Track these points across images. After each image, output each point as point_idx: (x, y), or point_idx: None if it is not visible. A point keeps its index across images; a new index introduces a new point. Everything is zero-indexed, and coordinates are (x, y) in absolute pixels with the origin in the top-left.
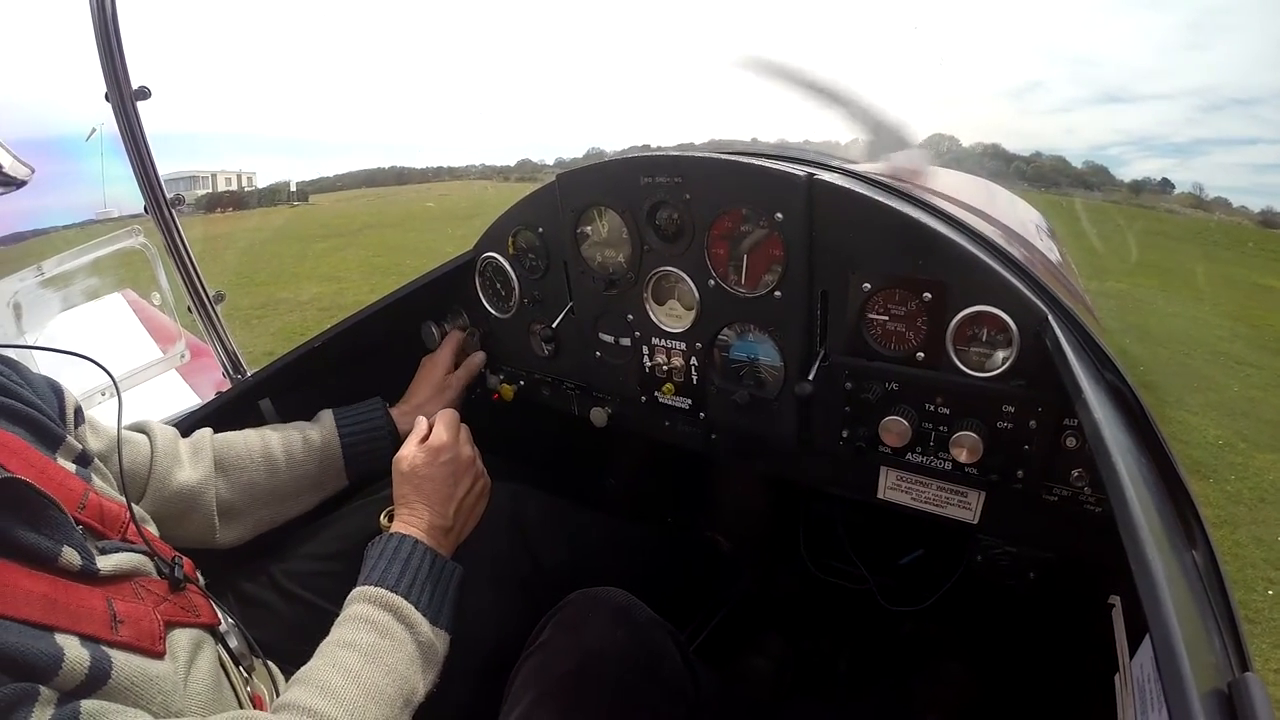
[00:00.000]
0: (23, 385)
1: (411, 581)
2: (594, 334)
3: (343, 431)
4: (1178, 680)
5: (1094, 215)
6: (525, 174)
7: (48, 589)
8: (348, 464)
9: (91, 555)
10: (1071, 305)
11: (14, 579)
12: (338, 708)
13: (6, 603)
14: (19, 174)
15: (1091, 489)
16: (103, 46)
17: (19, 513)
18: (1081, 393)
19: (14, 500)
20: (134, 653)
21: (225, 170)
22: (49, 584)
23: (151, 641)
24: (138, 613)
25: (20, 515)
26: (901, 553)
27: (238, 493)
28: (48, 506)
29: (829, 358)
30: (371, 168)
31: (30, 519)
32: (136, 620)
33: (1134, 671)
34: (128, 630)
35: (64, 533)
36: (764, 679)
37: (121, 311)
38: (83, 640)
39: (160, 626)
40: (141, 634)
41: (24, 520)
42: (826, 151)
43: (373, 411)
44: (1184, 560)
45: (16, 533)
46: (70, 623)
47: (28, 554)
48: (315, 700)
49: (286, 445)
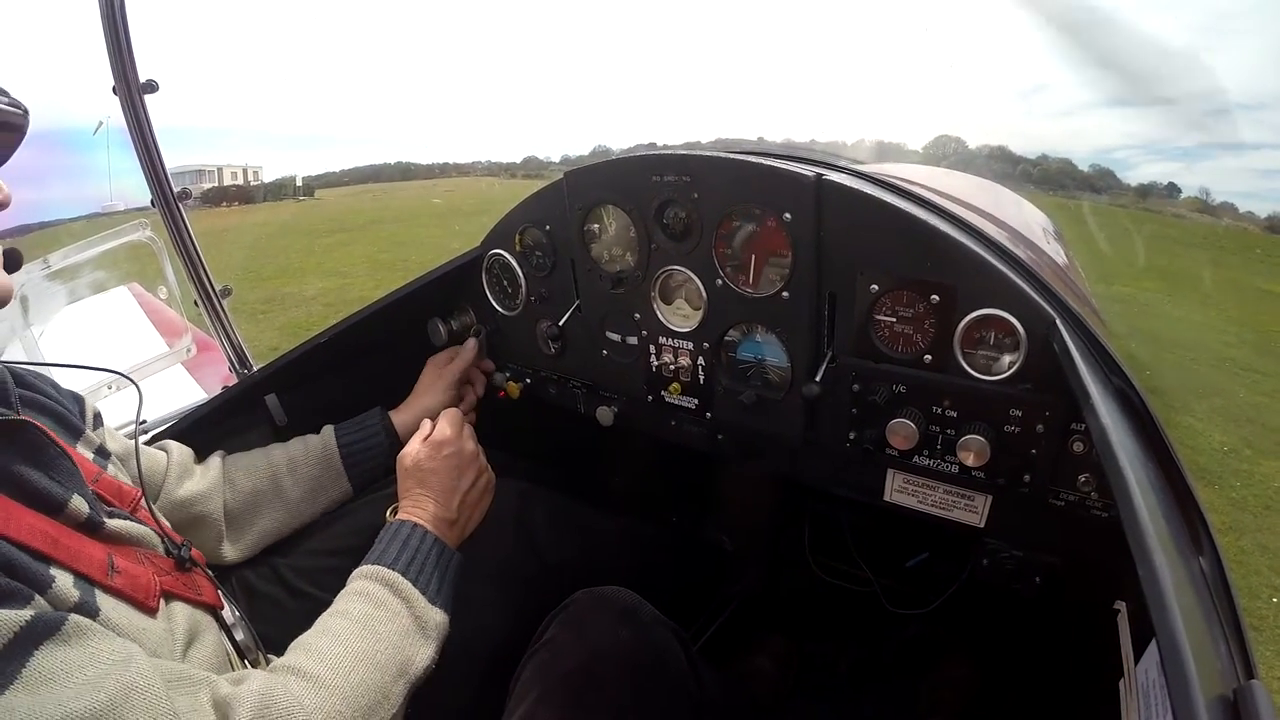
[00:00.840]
0: (50, 388)
1: (410, 560)
2: (601, 332)
3: (341, 439)
4: (1183, 686)
5: (1101, 219)
6: (531, 171)
7: (51, 529)
8: (347, 469)
9: (99, 511)
10: (1079, 309)
11: (19, 514)
12: (321, 665)
13: (9, 528)
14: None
15: (1098, 494)
16: (110, 39)
17: (33, 458)
18: (1089, 397)
19: (28, 445)
20: (125, 601)
21: (231, 164)
22: (53, 526)
23: (145, 596)
24: (136, 570)
25: (31, 458)
26: (907, 555)
27: (244, 500)
28: (61, 456)
29: (836, 359)
30: (378, 163)
31: (42, 464)
32: (134, 575)
33: (1139, 677)
34: (123, 580)
35: (75, 483)
36: (768, 679)
37: (128, 305)
38: (76, 579)
39: (157, 588)
40: (136, 587)
41: (36, 464)
42: (833, 152)
43: (370, 419)
44: (1190, 566)
45: (27, 474)
46: (68, 559)
47: (36, 497)
48: (302, 660)
49: (289, 454)
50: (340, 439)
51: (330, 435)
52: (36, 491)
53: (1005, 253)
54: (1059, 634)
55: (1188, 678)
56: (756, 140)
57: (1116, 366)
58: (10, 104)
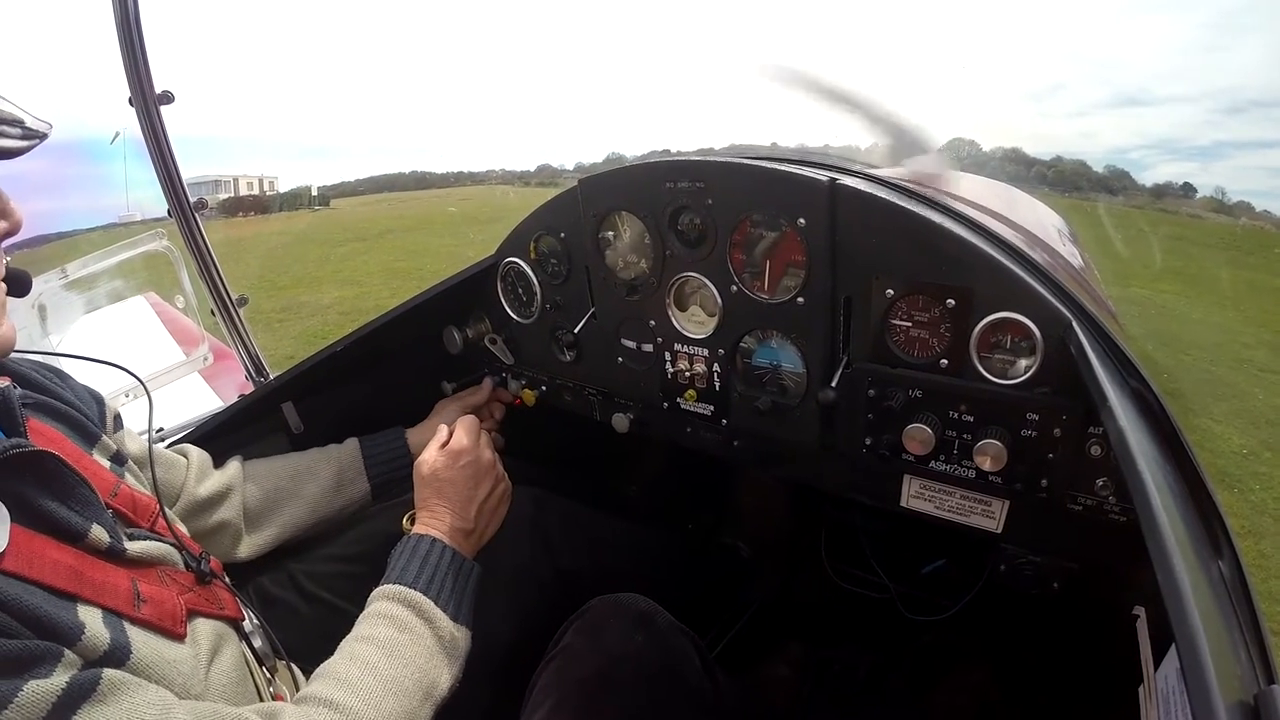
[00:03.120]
0: (64, 389)
1: (430, 578)
2: (616, 339)
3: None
4: (1204, 692)
5: (1116, 220)
6: (545, 179)
7: (74, 561)
8: (368, 468)
9: (120, 536)
10: (1095, 311)
11: (42, 549)
12: (355, 698)
13: (34, 568)
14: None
15: (1116, 498)
16: (126, 51)
17: (50, 487)
18: (1106, 400)
19: (45, 474)
20: (154, 632)
21: (247, 175)
22: (76, 557)
23: (173, 623)
24: (161, 595)
25: (51, 489)
26: (923, 561)
27: (264, 497)
28: (79, 484)
29: (852, 364)
30: (392, 172)
31: (61, 494)
32: (159, 602)
33: (1158, 683)
34: (150, 609)
35: (94, 511)
36: (784, 686)
37: (145, 314)
38: (105, 615)
39: (183, 610)
40: (164, 614)
41: (54, 494)
42: (847, 156)
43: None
44: (1210, 570)
45: (47, 505)
46: (94, 594)
47: (57, 528)
48: (334, 692)
49: (310, 456)
50: (364, 446)
51: (354, 444)
52: (56, 522)
53: (1021, 255)
54: (1077, 640)
55: (1208, 684)
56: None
57: (1134, 369)
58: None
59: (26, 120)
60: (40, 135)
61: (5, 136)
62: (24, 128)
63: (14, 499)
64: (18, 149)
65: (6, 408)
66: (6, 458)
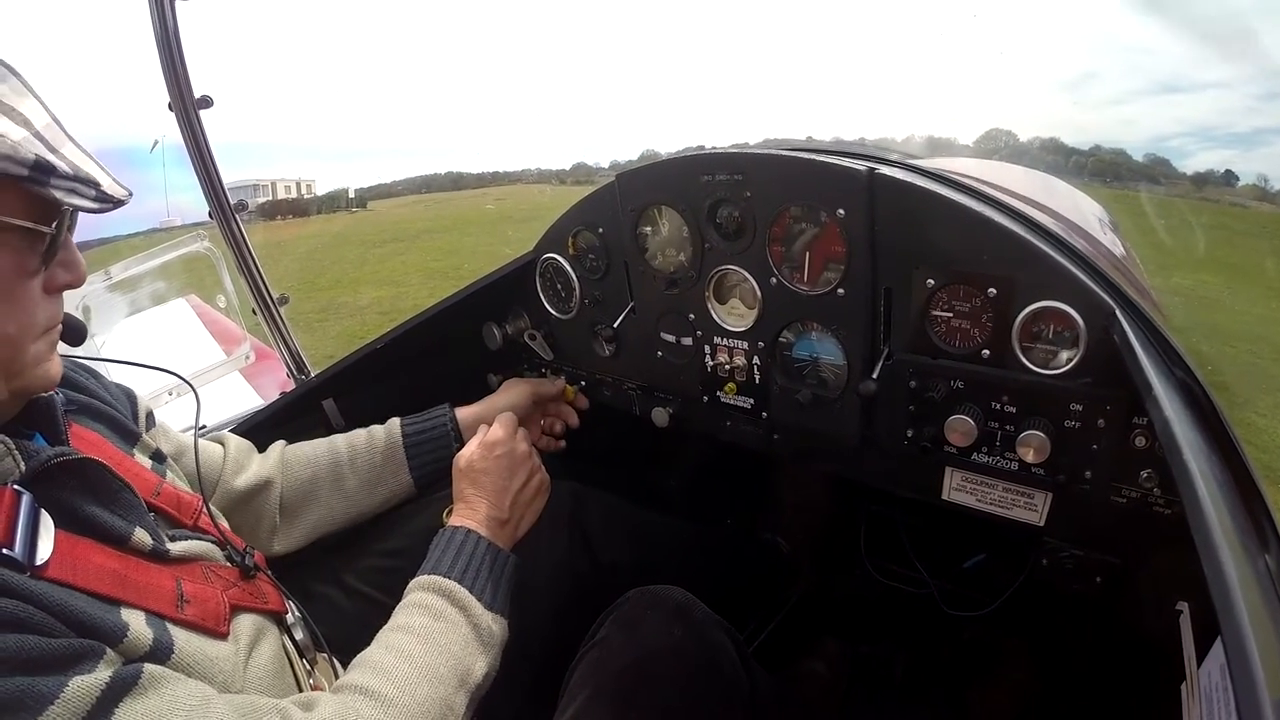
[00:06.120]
0: (101, 388)
1: (465, 567)
2: (655, 334)
3: (406, 428)
4: (1250, 689)
5: (1158, 209)
6: (580, 177)
7: (118, 565)
8: (410, 458)
9: (162, 538)
10: (1138, 300)
11: (86, 554)
12: (390, 685)
13: (78, 575)
14: (117, 193)
15: (1161, 490)
16: (165, 58)
17: (95, 493)
18: (1151, 390)
19: (90, 481)
20: (197, 632)
21: (285, 178)
22: (120, 561)
23: (216, 622)
24: (205, 594)
25: (96, 495)
26: (964, 556)
27: (301, 488)
28: (122, 489)
29: (893, 356)
30: (428, 173)
31: (105, 499)
32: (203, 601)
33: (1202, 680)
34: (193, 610)
35: (137, 515)
36: (821, 682)
37: (186, 316)
38: (148, 617)
39: (226, 609)
40: (207, 614)
41: (99, 500)
42: (884, 146)
43: (437, 411)
44: (1257, 565)
45: (91, 510)
46: (137, 598)
47: (101, 532)
48: (369, 679)
49: (351, 442)
50: (405, 428)
51: (395, 425)
52: (100, 527)
53: (1062, 243)
54: (1119, 636)
55: (1254, 680)
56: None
57: (1179, 358)
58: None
59: (103, 184)
60: (115, 201)
61: (78, 195)
62: (99, 190)
63: (58, 506)
64: (89, 209)
65: (50, 415)
66: (50, 466)
